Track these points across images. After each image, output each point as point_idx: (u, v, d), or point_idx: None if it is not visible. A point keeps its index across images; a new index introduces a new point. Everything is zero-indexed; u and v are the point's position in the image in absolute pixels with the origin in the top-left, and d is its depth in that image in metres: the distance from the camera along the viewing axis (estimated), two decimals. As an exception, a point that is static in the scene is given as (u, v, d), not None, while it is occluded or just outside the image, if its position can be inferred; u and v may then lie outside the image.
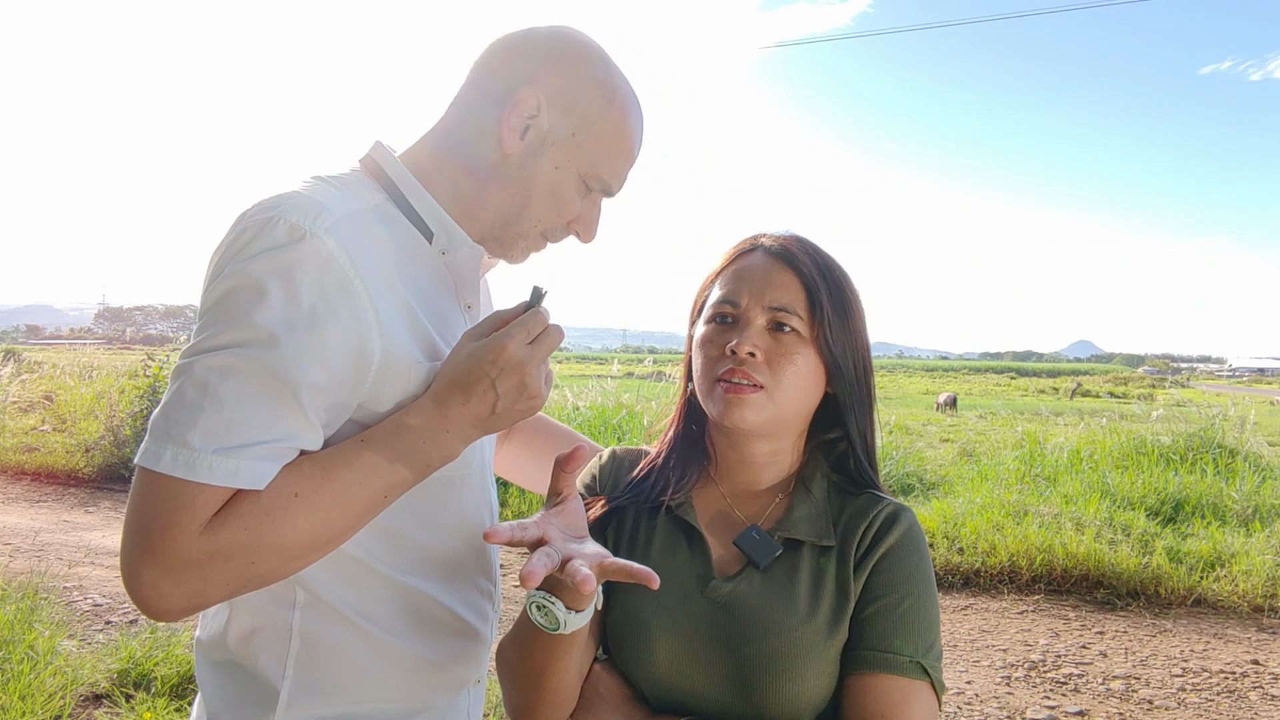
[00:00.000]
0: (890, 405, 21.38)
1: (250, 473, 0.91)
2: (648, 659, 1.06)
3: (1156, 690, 4.17)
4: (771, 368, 1.08)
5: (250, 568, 0.91)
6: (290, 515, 0.93)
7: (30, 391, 11.75)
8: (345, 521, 0.98)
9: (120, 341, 61.72)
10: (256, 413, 0.91)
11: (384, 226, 1.08)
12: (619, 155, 1.15)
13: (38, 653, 3.51)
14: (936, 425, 15.94)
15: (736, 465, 1.15)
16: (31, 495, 7.91)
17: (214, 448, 0.89)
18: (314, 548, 0.96)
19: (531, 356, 1.01)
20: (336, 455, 0.98)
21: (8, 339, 68.79)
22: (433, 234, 1.13)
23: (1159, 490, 7.10)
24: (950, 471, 8.87)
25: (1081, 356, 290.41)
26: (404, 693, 1.13)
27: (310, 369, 0.94)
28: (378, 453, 0.99)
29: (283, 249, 0.95)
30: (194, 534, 0.89)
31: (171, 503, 0.89)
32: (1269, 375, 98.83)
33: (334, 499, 0.95)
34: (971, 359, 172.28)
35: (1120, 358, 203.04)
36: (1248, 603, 5.33)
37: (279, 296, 0.93)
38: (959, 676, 4.31)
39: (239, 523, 0.90)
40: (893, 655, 1.01)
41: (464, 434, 1.02)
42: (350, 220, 1.02)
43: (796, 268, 1.12)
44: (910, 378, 58.98)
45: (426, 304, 1.11)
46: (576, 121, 1.12)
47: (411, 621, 1.13)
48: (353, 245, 0.99)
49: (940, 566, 5.86)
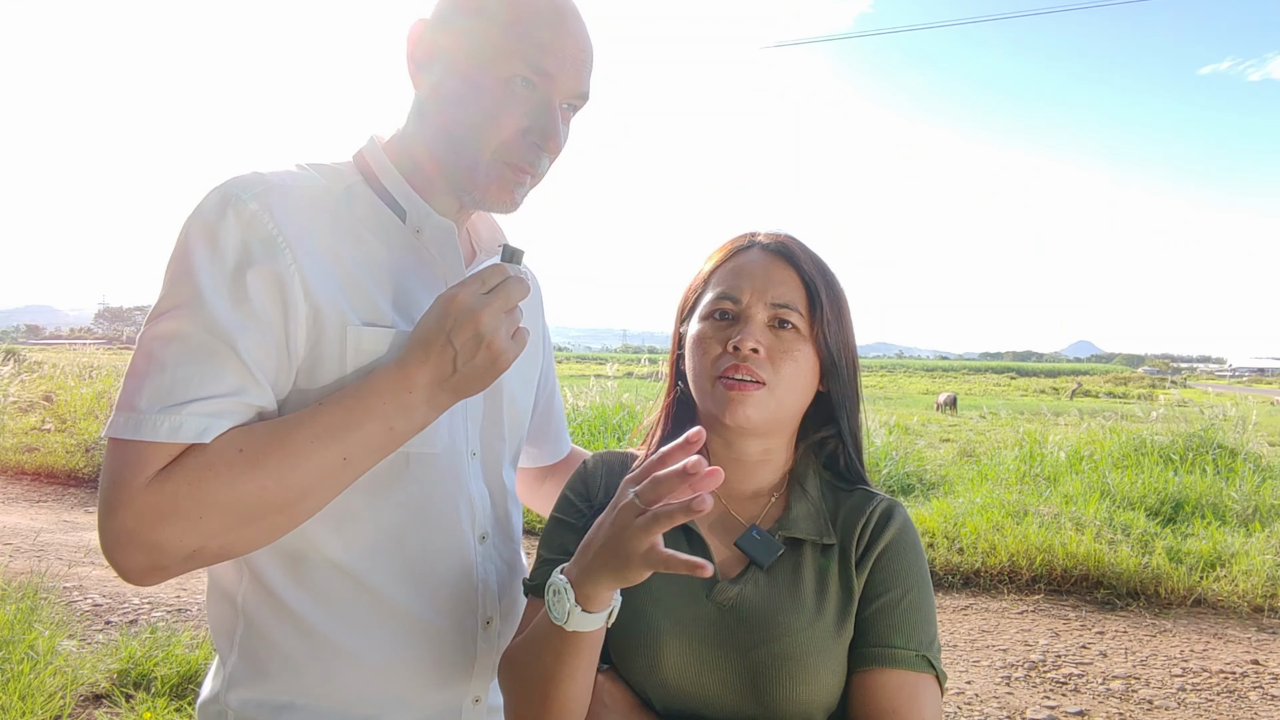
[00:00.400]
0: (890, 405, 21.38)
1: (193, 428, 0.91)
2: (655, 666, 1.04)
3: (1156, 690, 4.17)
4: (774, 364, 1.07)
5: (199, 525, 0.90)
6: (235, 472, 0.91)
7: (30, 391, 11.75)
8: (298, 485, 0.94)
9: (120, 341, 61.77)
10: (198, 370, 0.93)
11: (348, 205, 1.09)
12: (525, 36, 1.04)
13: (38, 653, 3.51)
14: (937, 425, 15.94)
15: (730, 465, 1.14)
16: (31, 495, 7.91)
17: (158, 407, 0.91)
18: (263, 511, 0.93)
19: (485, 305, 0.98)
20: (293, 416, 0.97)
21: (8, 339, 68.83)
22: (405, 212, 1.13)
23: (1159, 490, 7.10)
24: (950, 471, 8.87)
25: (1081, 356, 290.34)
26: (349, 696, 1.08)
27: (243, 320, 0.96)
28: (335, 413, 0.97)
29: (211, 216, 0.99)
30: (139, 490, 0.90)
31: (121, 463, 0.91)
32: (1269, 375, 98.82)
33: (284, 459, 0.93)
34: (971, 359, 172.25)
35: (1120, 358, 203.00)
36: (1248, 603, 5.33)
37: (204, 257, 0.97)
38: (959, 676, 4.31)
39: (182, 475, 0.90)
40: (899, 650, 1.02)
41: (430, 396, 0.99)
42: (289, 192, 1.04)
43: (797, 265, 1.13)
44: (910, 378, 58.97)
45: (385, 277, 1.09)
46: (464, 22, 1.07)
47: (355, 617, 1.08)
48: (280, 209, 1.01)
49: (940, 566, 5.86)
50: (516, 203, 1.12)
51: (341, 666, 1.08)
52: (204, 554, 0.93)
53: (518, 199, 1.12)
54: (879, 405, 13.48)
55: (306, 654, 1.07)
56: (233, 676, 1.09)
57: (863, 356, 1.29)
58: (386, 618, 1.10)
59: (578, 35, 1.08)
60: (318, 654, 1.07)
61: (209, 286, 0.96)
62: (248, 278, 0.97)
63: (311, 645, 1.08)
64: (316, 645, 1.08)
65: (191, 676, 3.62)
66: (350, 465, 0.97)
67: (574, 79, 1.08)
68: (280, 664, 1.08)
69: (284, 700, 1.08)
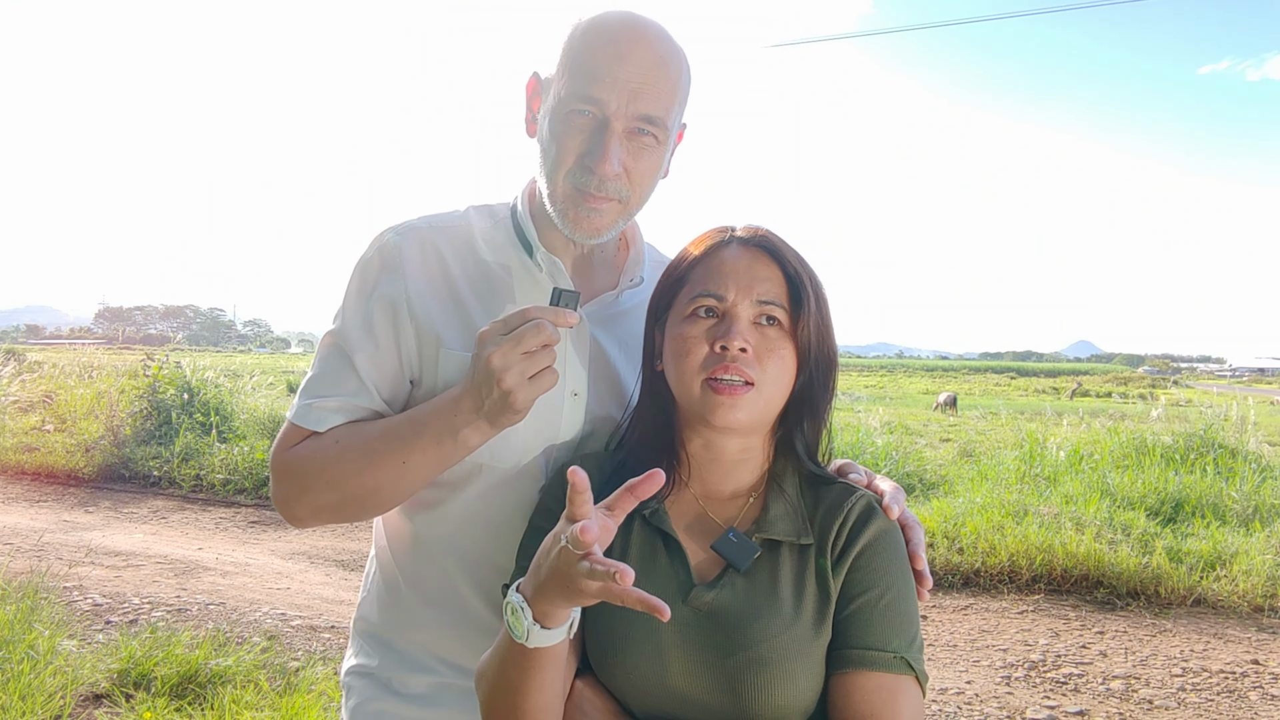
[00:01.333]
0: (890, 405, 21.37)
1: (314, 419, 1.20)
2: (633, 673, 1.02)
3: (1156, 690, 4.17)
4: (761, 363, 1.05)
5: (308, 492, 1.19)
6: (329, 456, 1.18)
7: (30, 391, 11.75)
8: (371, 478, 1.16)
9: (120, 341, 61.81)
10: (330, 374, 1.22)
11: (489, 243, 1.28)
12: (580, 68, 1.14)
13: (38, 653, 3.51)
14: (937, 425, 15.93)
15: (709, 465, 1.12)
16: (31, 495, 7.91)
17: (305, 401, 1.22)
18: (350, 492, 1.17)
19: (498, 346, 1.05)
20: (381, 424, 1.19)
21: (8, 339, 68.77)
22: (533, 248, 1.27)
23: (1159, 490, 7.10)
24: (950, 471, 8.87)
25: (1081, 356, 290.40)
26: (415, 650, 1.29)
27: (361, 339, 1.22)
28: (403, 426, 1.17)
29: (368, 252, 1.26)
30: (282, 456, 1.21)
31: (281, 436, 1.24)
32: (1269, 375, 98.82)
33: (360, 455, 1.16)
34: (971, 359, 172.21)
35: (1120, 358, 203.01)
36: (1248, 603, 5.33)
37: (355, 285, 1.25)
38: (959, 676, 4.31)
39: (301, 452, 1.20)
40: (877, 652, 0.99)
41: (469, 422, 1.11)
42: (429, 231, 1.26)
43: (780, 259, 1.10)
44: (910, 378, 58.95)
45: (500, 307, 1.23)
46: (550, 75, 1.19)
47: (426, 588, 1.29)
48: (411, 245, 1.24)
49: (940, 566, 5.86)
50: (600, 230, 1.19)
51: (413, 623, 1.30)
52: (322, 514, 1.22)
53: (599, 226, 1.19)
54: (878, 405, 13.49)
55: (392, 603, 1.32)
56: (363, 599, 1.38)
57: (862, 356, 1.28)
58: (447, 596, 1.28)
59: (636, 61, 1.13)
60: (399, 606, 1.31)
61: (349, 309, 1.24)
62: (373, 305, 1.22)
63: (396, 599, 1.32)
64: (399, 600, 1.31)
65: (191, 676, 3.62)
66: (411, 469, 1.15)
67: (632, 104, 1.13)
68: (379, 600, 1.34)
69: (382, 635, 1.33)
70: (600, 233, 1.19)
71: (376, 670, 1.32)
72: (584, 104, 1.13)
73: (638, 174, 1.17)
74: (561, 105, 1.15)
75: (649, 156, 1.18)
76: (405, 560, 1.31)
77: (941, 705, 3.96)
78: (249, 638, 4.28)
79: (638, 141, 1.16)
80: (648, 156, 1.17)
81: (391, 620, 1.32)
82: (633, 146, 1.15)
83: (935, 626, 5.03)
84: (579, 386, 1.25)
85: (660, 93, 1.15)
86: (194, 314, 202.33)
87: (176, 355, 12.40)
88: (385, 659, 1.32)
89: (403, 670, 1.30)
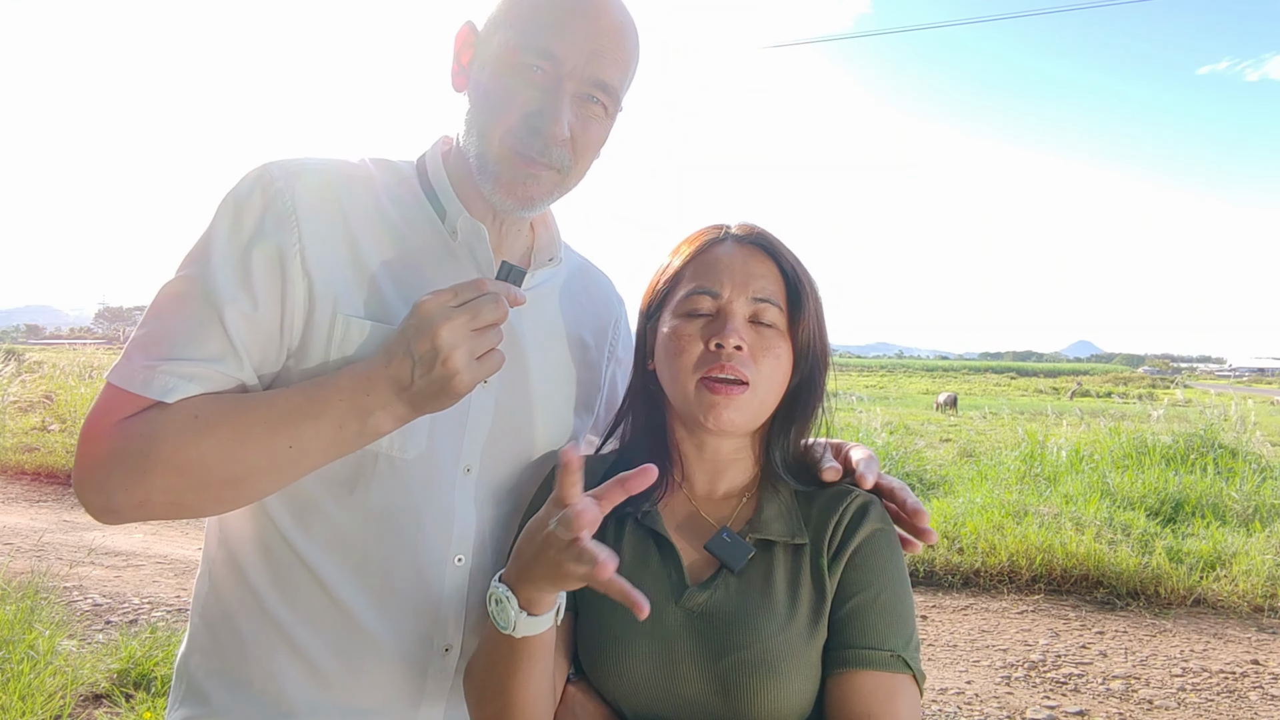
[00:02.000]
0: (890, 405, 21.37)
1: (160, 385, 0.95)
2: (625, 675, 1.01)
3: (1156, 690, 4.17)
4: (756, 362, 1.03)
5: (145, 478, 0.93)
6: (184, 435, 0.93)
7: (30, 391, 11.75)
8: (244, 462, 0.94)
9: (120, 341, 61.88)
10: (183, 331, 0.97)
11: (392, 199, 1.10)
12: (535, 19, 1.03)
13: (38, 653, 3.51)
14: (936, 425, 15.93)
15: (702, 465, 1.11)
16: (31, 495, 7.90)
17: (144, 359, 0.96)
18: (208, 479, 0.94)
19: (448, 319, 0.93)
20: (256, 395, 0.99)
21: (8, 339, 68.75)
22: (445, 212, 1.12)
23: (1159, 490, 7.10)
24: (950, 471, 8.87)
25: (1081, 356, 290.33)
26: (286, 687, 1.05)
27: (234, 291, 0.98)
28: (293, 400, 0.96)
29: (243, 189, 1.02)
30: (105, 431, 0.94)
31: (101, 403, 0.97)
32: (1269, 375, 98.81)
33: (233, 433, 0.94)
34: (971, 359, 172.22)
35: (1120, 358, 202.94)
36: (1248, 603, 5.33)
37: (225, 226, 1.01)
38: (959, 676, 4.30)
39: (138, 427, 0.94)
40: (874, 651, 0.98)
41: (386, 403, 0.95)
42: (323, 175, 1.06)
43: (777, 257, 1.08)
44: (910, 378, 58.95)
45: (409, 273, 1.07)
46: (496, 22, 1.07)
47: (306, 609, 1.06)
48: (304, 190, 1.03)
49: (940, 566, 5.86)
50: (532, 199, 1.07)
51: (284, 654, 1.06)
52: (151, 506, 0.95)
53: (533, 195, 1.07)
54: (878, 405, 13.48)
55: (255, 632, 1.07)
56: (193, 640, 1.12)
57: (862, 356, 1.28)
58: (336, 618, 1.06)
59: (599, 23, 1.04)
60: (265, 635, 1.06)
61: (218, 254, 0.99)
62: (254, 252, 1.00)
63: (261, 625, 1.07)
64: (265, 626, 1.07)
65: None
66: (298, 454, 0.96)
67: (589, 65, 1.03)
68: (230, 636, 1.08)
69: (231, 677, 1.07)
70: (534, 203, 1.08)
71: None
72: (538, 58, 1.02)
73: (583, 144, 1.07)
74: (509, 55, 1.03)
75: (595, 126, 1.08)
76: (265, 577, 1.07)
77: (941, 705, 3.96)
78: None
79: (587, 109, 1.06)
80: (594, 126, 1.07)
81: (243, 660, 1.07)
82: (582, 113, 1.06)
83: (935, 626, 5.03)
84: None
85: (617, 59, 1.06)
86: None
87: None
88: (234, 709, 1.07)
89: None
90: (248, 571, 1.08)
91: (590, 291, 1.31)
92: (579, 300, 1.28)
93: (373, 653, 1.07)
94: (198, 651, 1.11)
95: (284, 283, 1.01)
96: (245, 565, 1.08)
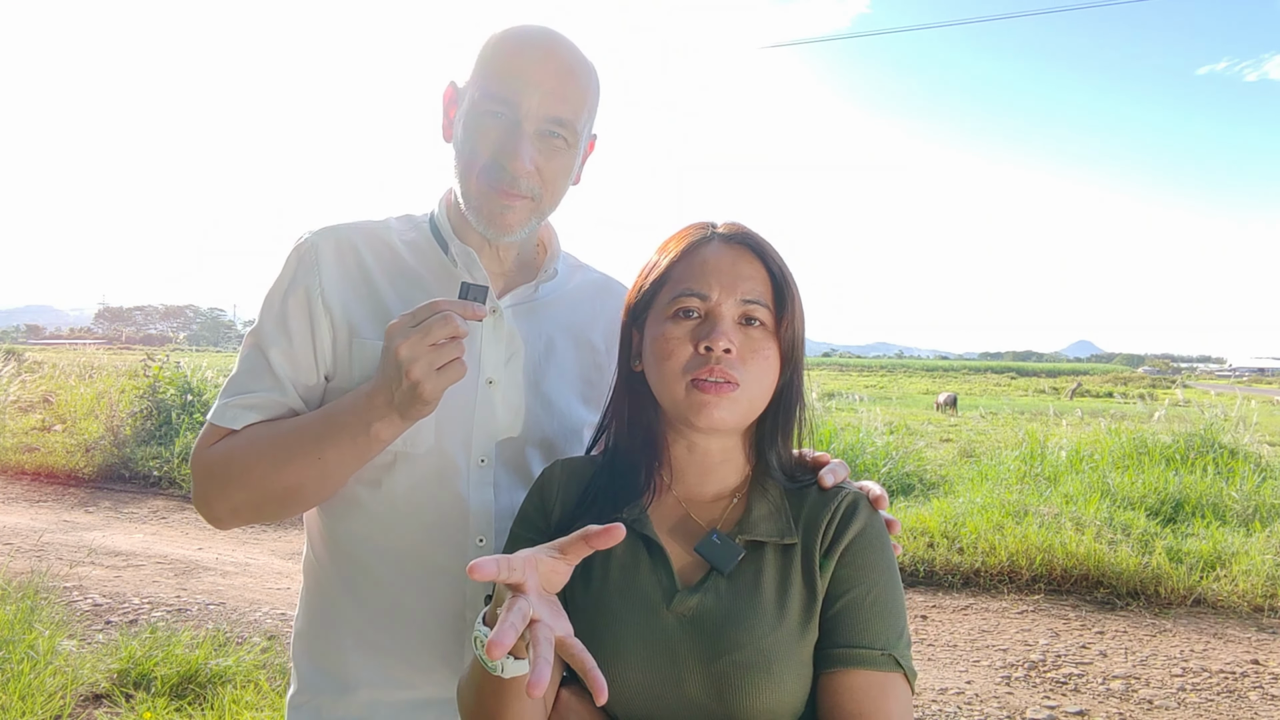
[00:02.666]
0: (891, 406, 21.37)
1: (229, 416, 1.21)
2: (618, 681, 0.99)
3: (1156, 690, 4.17)
4: (745, 363, 1.04)
5: (226, 491, 1.19)
6: (247, 455, 1.17)
7: (30, 391, 11.75)
8: (290, 476, 1.15)
9: (120, 342, 61.87)
10: (247, 374, 1.23)
11: (410, 245, 1.31)
12: (493, 73, 1.19)
13: (38, 653, 3.51)
14: (936, 425, 15.93)
15: (691, 467, 1.11)
16: (31, 495, 7.90)
17: (223, 400, 1.23)
18: (269, 489, 1.17)
19: (405, 338, 1.07)
20: (296, 421, 1.20)
21: (8, 339, 68.79)
22: (447, 245, 1.29)
23: (1159, 490, 7.10)
24: (950, 471, 8.87)
25: (1081, 356, 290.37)
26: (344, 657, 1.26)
27: (275, 334, 1.23)
28: (318, 421, 1.17)
29: (288, 254, 1.28)
30: (200, 457, 1.21)
31: (200, 438, 1.23)
32: (1269, 375, 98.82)
33: (276, 453, 1.16)
34: (971, 359, 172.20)
35: (1120, 358, 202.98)
36: (1248, 603, 5.33)
37: (273, 286, 1.27)
38: (959, 676, 4.31)
39: (217, 451, 1.20)
40: (864, 650, 0.98)
41: (383, 414, 1.12)
42: (346, 232, 1.29)
43: (764, 257, 1.08)
44: (910, 378, 58.95)
45: (416, 300, 1.18)
46: (469, 80, 1.23)
47: (355, 589, 1.27)
48: (327, 244, 1.27)
49: (940, 566, 5.86)
50: (510, 226, 1.23)
51: (346, 633, 1.26)
52: (242, 513, 1.21)
53: (510, 222, 1.22)
54: (879, 405, 13.49)
55: (327, 615, 1.29)
56: (296, 628, 1.35)
57: (862, 357, 1.28)
58: (381, 598, 1.25)
59: (546, 67, 1.19)
60: (333, 617, 1.28)
61: (266, 308, 1.26)
62: (289, 300, 1.24)
63: (330, 608, 1.29)
64: (333, 609, 1.28)
65: (191, 676, 3.62)
66: (329, 465, 1.15)
67: (543, 105, 1.18)
68: (312, 621, 1.31)
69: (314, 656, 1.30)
70: (513, 229, 1.23)
71: (308, 703, 1.29)
72: (497, 105, 1.18)
73: (549, 173, 1.22)
74: (475, 107, 1.19)
75: (560, 158, 1.22)
76: (330, 567, 1.29)
77: (941, 705, 3.96)
78: (249, 638, 4.28)
79: (548, 143, 1.20)
80: (559, 158, 1.22)
81: (322, 639, 1.29)
82: (544, 147, 1.20)
83: (935, 626, 5.03)
84: (495, 374, 1.27)
85: (569, 97, 1.20)
86: (194, 314, 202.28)
87: (177, 355, 12.39)
88: (317, 683, 1.28)
89: (332, 694, 1.27)
90: (319, 563, 1.31)
91: (607, 302, 1.44)
92: (593, 308, 1.42)
93: (414, 627, 1.24)
94: (298, 636, 1.34)
95: (311, 320, 1.24)
96: (318, 558, 1.31)
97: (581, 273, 1.46)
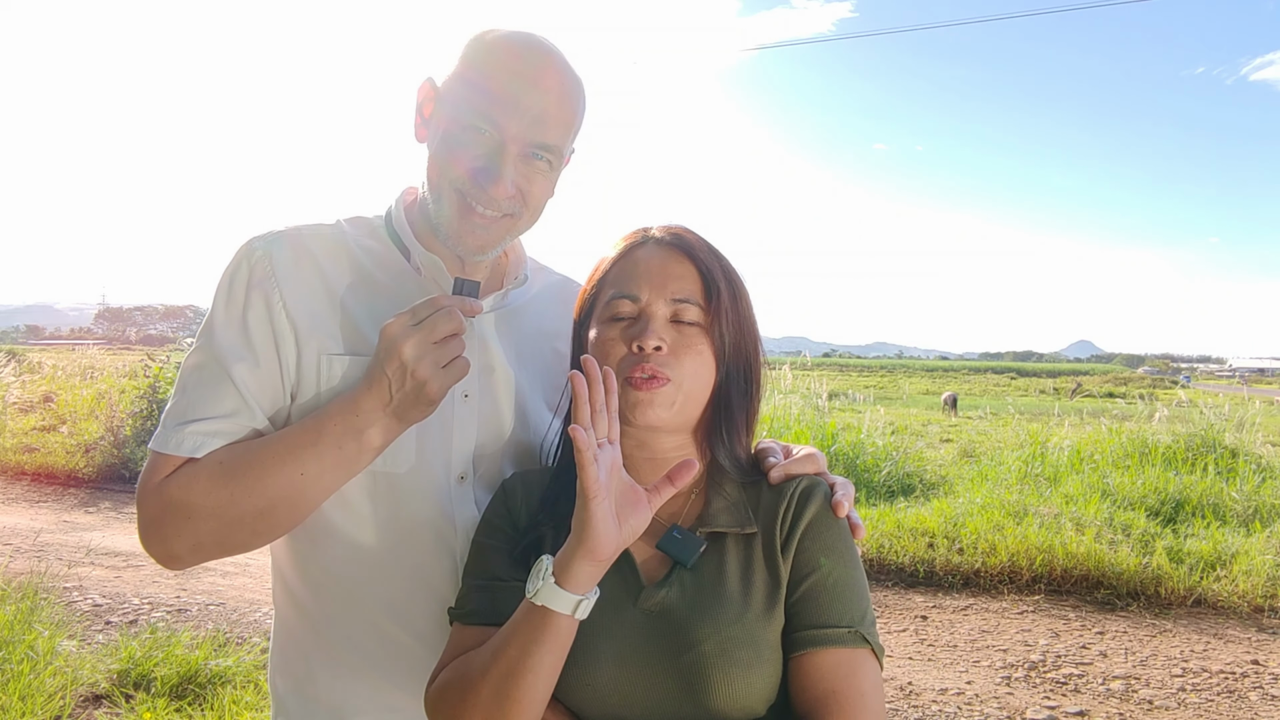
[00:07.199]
0: (891, 406, 21.36)
1: (190, 444, 1.10)
2: (589, 683, 1.00)
3: (1156, 690, 4.17)
4: (678, 359, 1.06)
5: (190, 524, 1.08)
6: (215, 481, 1.08)
7: (30, 392, 11.76)
8: (267, 495, 1.08)
9: (120, 342, 61.95)
10: (204, 395, 1.13)
11: (364, 250, 1.24)
12: (481, 86, 1.14)
13: (38, 653, 3.51)
14: (937, 425, 15.92)
15: (645, 464, 1.12)
16: (31, 495, 7.91)
17: (174, 424, 1.11)
18: (242, 515, 1.08)
19: (409, 336, 1.04)
20: (267, 437, 1.13)
21: (8, 339, 68.86)
22: (409, 252, 1.24)
23: (1159, 490, 7.10)
24: (951, 472, 8.87)
25: (1081, 357, 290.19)
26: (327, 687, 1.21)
27: (239, 351, 1.14)
28: (296, 434, 1.10)
29: (232, 264, 1.18)
30: (152, 491, 1.09)
31: (146, 469, 1.12)
32: (1269, 375, 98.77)
33: (251, 472, 1.08)
34: (971, 359, 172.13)
35: (1120, 358, 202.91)
36: (1248, 603, 5.33)
37: (222, 298, 1.17)
38: (959, 676, 4.31)
39: (177, 482, 1.09)
40: (831, 629, 1.00)
41: (375, 420, 1.08)
42: (296, 239, 1.20)
43: (693, 256, 1.11)
44: (910, 378, 58.92)
45: (380, 309, 1.17)
46: (450, 81, 1.18)
47: (337, 618, 1.21)
48: (280, 253, 1.18)
49: (940, 566, 5.86)
50: (486, 246, 1.18)
51: (328, 661, 1.21)
52: (205, 548, 1.11)
53: (484, 243, 1.18)
54: (879, 405, 13.44)
55: (305, 644, 1.23)
56: (271, 660, 1.29)
57: (862, 357, 1.27)
58: (359, 621, 1.20)
59: (540, 91, 1.13)
60: (313, 645, 1.22)
61: (220, 324, 1.15)
62: (248, 315, 1.15)
63: (309, 637, 1.23)
64: (312, 637, 1.22)
65: (191, 676, 3.62)
66: (310, 480, 1.09)
67: (530, 130, 1.13)
68: (289, 650, 1.25)
69: (296, 686, 1.25)
70: (486, 249, 1.19)
71: None
72: (481, 121, 1.12)
73: (531, 195, 1.18)
74: (459, 117, 1.13)
75: (541, 179, 1.18)
76: (306, 597, 1.23)
77: (942, 705, 3.96)
78: (249, 638, 4.28)
79: (532, 165, 1.16)
80: (540, 179, 1.18)
81: (302, 667, 1.23)
82: (527, 169, 1.16)
83: (935, 627, 5.03)
84: (470, 388, 1.23)
85: (559, 122, 1.16)
86: (194, 314, 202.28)
87: (177, 356, 12.40)
88: (300, 713, 1.24)
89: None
90: (293, 594, 1.24)
91: (569, 305, 1.38)
92: (556, 312, 1.35)
93: (399, 652, 1.19)
94: (276, 668, 1.28)
95: (275, 335, 1.15)
96: (291, 589, 1.24)
97: (543, 275, 1.42)
